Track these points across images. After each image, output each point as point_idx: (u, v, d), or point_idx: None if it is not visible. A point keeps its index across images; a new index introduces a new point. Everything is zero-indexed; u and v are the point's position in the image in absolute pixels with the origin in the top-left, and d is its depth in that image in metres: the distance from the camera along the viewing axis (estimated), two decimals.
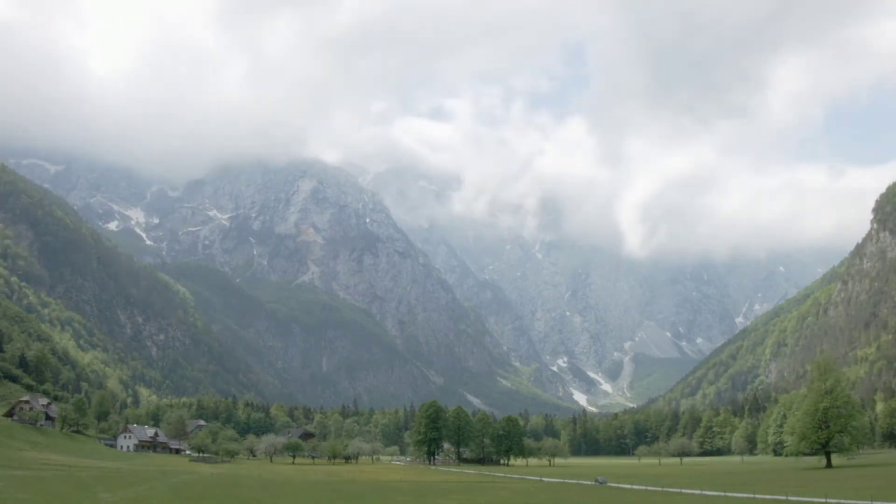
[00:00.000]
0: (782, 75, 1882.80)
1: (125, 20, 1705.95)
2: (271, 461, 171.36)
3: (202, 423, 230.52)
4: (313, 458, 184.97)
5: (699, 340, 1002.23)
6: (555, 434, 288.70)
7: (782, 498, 66.65)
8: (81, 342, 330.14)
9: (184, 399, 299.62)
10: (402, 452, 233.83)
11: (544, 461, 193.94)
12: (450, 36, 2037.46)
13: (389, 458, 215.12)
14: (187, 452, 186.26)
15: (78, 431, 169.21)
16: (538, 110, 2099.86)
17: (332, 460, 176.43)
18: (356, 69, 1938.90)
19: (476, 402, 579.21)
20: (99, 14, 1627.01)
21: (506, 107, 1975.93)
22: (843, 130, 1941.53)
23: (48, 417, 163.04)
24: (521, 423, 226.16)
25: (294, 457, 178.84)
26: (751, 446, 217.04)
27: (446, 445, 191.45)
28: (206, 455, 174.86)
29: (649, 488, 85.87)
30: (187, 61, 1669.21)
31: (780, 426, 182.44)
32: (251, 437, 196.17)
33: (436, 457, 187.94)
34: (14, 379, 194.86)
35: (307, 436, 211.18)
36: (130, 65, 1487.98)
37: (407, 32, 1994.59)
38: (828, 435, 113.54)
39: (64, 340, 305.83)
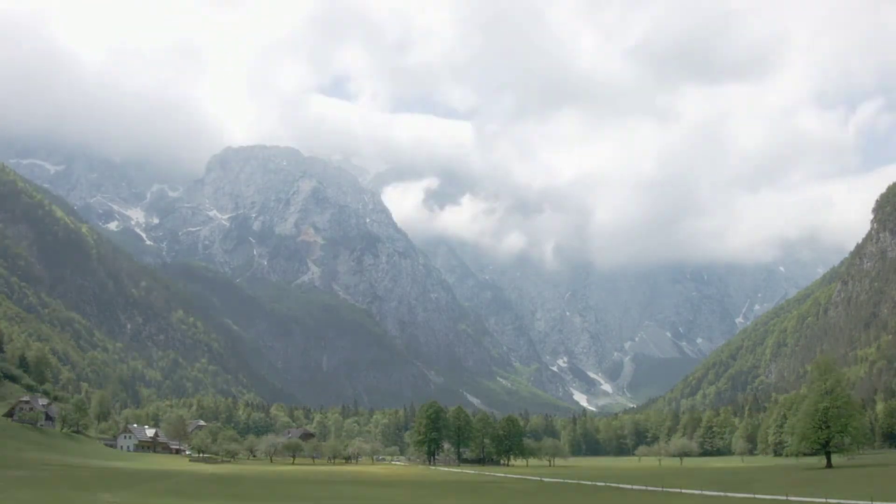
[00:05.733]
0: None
1: (126, 20, 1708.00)
2: (271, 461, 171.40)
3: (202, 423, 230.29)
4: (313, 458, 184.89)
5: (699, 340, 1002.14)
6: (555, 434, 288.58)
7: (782, 498, 66.63)
8: (81, 342, 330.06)
9: (184, 399, 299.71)
10: (402, 452, 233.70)
11: (544, 461, 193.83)
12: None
13: (389, 458, 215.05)
14: (187, 452, 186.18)
15: (78, 432, 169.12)
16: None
17: (333, 460, 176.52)
18: (355, 67, 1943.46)
19: (476, 402, 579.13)
20: (99, 14, 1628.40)
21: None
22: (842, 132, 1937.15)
23: (48, 417, 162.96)
24: (521, 423, 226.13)
25: (294, 457, 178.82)
26: (751, 446, 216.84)
27: (446, 445, 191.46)
28: (206, 455, 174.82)
29: (649, 488, 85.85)
30: (188, 62, 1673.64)
31: (780, 426, 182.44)
32: (251, 438, 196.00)
33: (436, 457, 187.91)
34: (14, 379, 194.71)
35: (307, 436, 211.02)
36: (131, 65, 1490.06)
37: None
38: (828, 435, 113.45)
39: (64, 340, 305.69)
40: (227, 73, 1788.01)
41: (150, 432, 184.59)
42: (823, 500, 62.94)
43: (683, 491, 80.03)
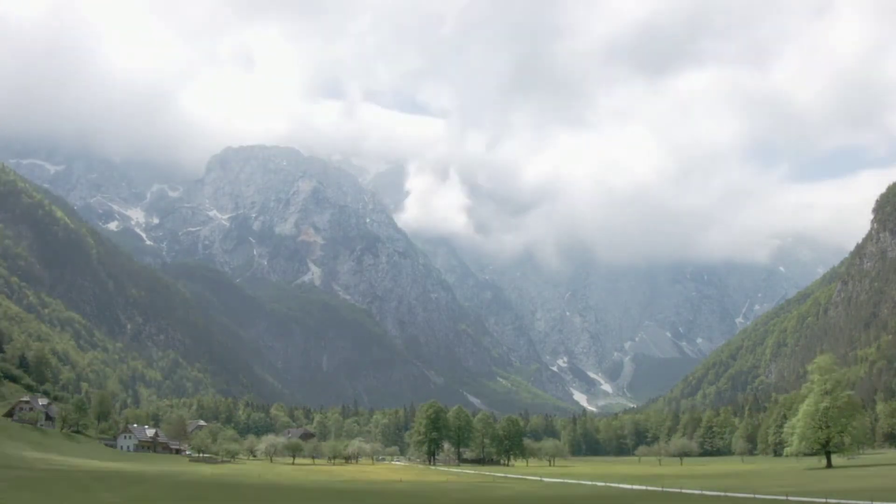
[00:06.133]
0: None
1: (126, 21, 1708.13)
2: (271, 461, 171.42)
3: (202, 423, 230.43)
4: (314, 458, 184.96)
5: (699, 340, 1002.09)
6: (555, 434, 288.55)
7: (782, 498, 66.61)
8: (81, 342, 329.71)
9: (184, 399, 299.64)
10: (402, 452, 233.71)
11: (544, 461, 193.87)
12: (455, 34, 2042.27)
13: (390, 458, 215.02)
14: (187, 453, 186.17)
15: (78, 432, 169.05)
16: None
17: (333, 460, 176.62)
18: (355, 67, 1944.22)
19: (476, 402, 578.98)
20: (100, 13, 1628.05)
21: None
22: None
23: (48, 418, 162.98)
24: (522, 423, 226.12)
25: (294, 457, 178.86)
26: (751, 446, 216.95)
27: (446, 446, 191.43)
28: (206, 455, 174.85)
29: (649, 488, 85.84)
30: (188, 62, 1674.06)
31: (780, 426, 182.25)
32: (251, 438, 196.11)
33: (436, 457, 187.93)
34: (14, 379, 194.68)
35: (307, 436, 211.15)
36: (131, 65, 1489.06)
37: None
38: (828, 435, 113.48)
39: (64, 340, 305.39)
40: (227, 73, 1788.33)
41: (150, 432, 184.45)
42: (823, 500, 62.91)
43: (683, 491, 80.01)
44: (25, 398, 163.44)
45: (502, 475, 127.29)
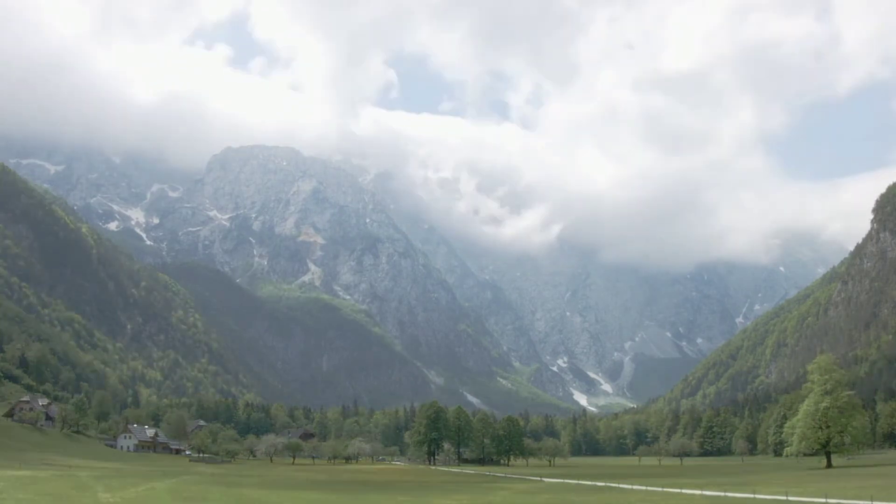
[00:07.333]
0: None
1: (126, 20, 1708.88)
2: (271, 461, 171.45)
3: (202, 423, 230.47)
4: (314, 458, 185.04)
5: (699, 340, 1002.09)
6: (555, 434, 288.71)
7: (782, 498, 66.58)
8: (81, 342, 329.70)
9: (184, 399, 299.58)
10: (402, 453, 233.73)
11: (544, 461, 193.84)
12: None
13: (389, 458, 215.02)
14: (187, 453, 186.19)
15: (78, 431, 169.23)
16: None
17: (333, 460, 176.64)
18: (354, 65, 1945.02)
19: (476, 402, 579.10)
20: (100, 14, 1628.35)
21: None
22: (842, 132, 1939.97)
23: (48, 417, 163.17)
24: (522, 423, 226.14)
25: (294, 457, 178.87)
26: (751, 446, 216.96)
27: (446, 446, 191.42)
28: (206, 455, 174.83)
29: (649, 488, 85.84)
30: (187, 62, 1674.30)
31: (780, 426, 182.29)
32: (251, 438, 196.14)
33: (436, 457, 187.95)
34: (14, 379, 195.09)
35: (307, 436, 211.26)
36: (131, 65, 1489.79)
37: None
38: (828, 435, 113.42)
39: (64, 340, 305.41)
40: (227, 72, 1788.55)
41: (150, 432, 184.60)
42: (823, 500, 62.87)
43: (683, 491, 79.99)
44: (25, 398, 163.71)
45: (502, 475, 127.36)
